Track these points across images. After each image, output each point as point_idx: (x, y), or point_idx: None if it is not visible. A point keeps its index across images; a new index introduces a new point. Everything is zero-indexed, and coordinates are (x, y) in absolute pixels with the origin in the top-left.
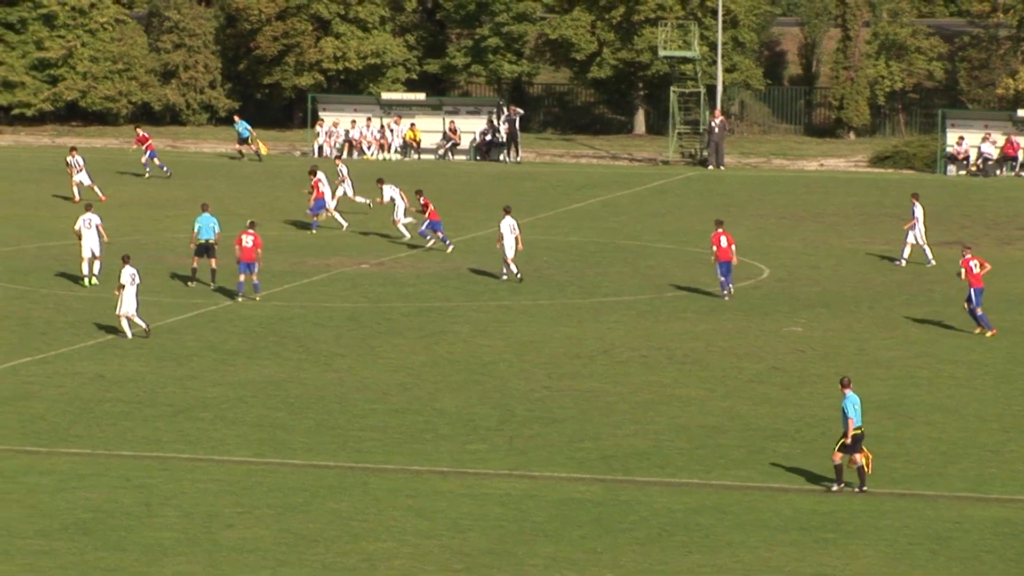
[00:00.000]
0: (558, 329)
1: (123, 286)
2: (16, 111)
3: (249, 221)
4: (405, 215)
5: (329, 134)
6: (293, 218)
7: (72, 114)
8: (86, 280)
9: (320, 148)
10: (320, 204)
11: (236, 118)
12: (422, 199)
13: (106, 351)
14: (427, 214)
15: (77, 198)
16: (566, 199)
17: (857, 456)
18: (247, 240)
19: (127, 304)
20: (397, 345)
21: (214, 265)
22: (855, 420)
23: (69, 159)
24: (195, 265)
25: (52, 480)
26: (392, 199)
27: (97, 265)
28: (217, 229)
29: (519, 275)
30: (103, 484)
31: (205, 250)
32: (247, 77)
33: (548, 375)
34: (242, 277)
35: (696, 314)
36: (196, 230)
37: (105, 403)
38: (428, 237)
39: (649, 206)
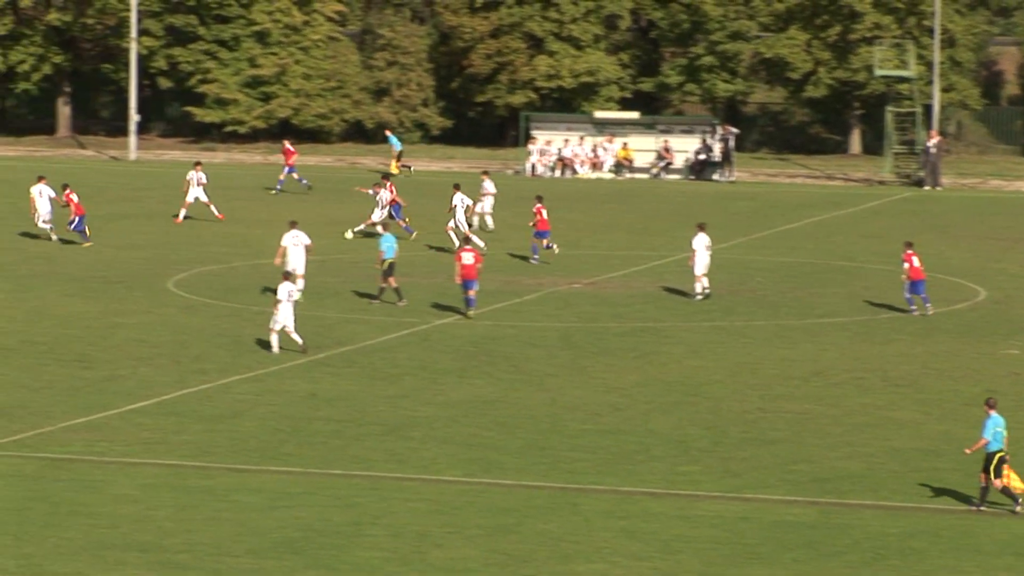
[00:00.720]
0: (772, 350)
1: (279, 301)
2: (229, 128)
3: (463, 235)
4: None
5: (542, 153)
6: (505, 237)
7: (285, 132)
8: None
9: (533, 167)
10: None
11: (388, 132)
12: (536, 206)
13: (317, 369)
14: (535, 224)
15: (180, 219)
16: (780, 219)
17: (997, 481)
18: (467, 257)
19: (282, 318)
20: (609, 365)
21: (394, 284)
22: (990, 440)
23: (191, 174)
24: (383, 285)
25: (262, 499)
26: (455, 206)
27: (301, 283)
28: (395, 247)
29: (708, 291)
30: (313, 503)
31: (390, 269)
32: (459, 95)
33: (761, 396)
34: (471, 293)
35: (911, 336)
36: (382, 249)
37: (316, 421)
38: (536, 251)
39: (864, 227)
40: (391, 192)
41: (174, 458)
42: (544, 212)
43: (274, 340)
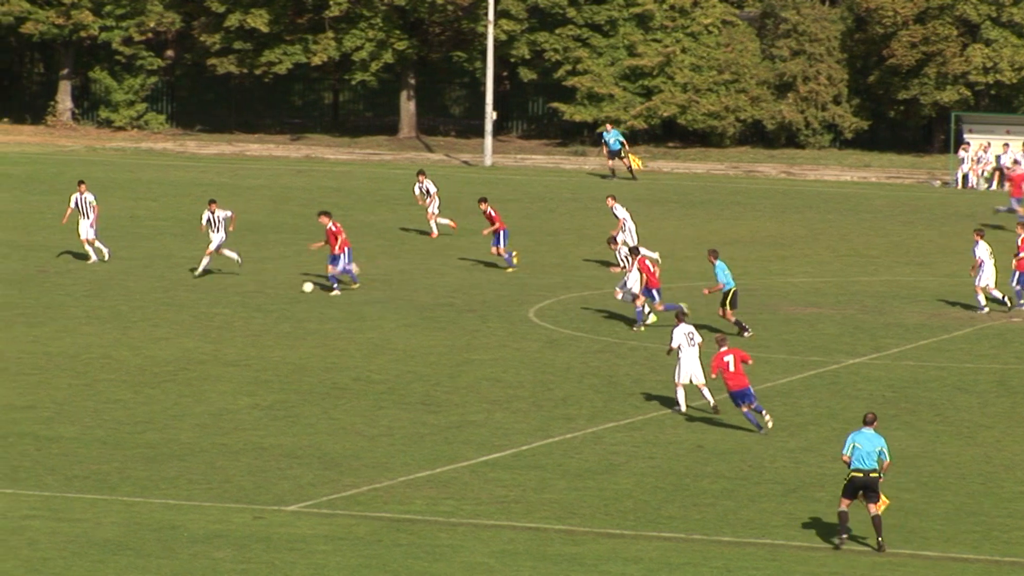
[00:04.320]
0: None
1: (676, 348)
2: (603, 129)
3: (632, 247)
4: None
5: (976, 160)
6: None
7: (669, 133)
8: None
9: (965, 177)
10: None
11: (608, 127)
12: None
13: (704, 416)
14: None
15: (434, 233)
16: None
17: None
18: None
19: (686, 371)
20: None
21: (731, 317)
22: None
23: (418, 186)
24: (731, 319)
25: (639, 569)
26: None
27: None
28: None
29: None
30: (699, 575)
31: (731, 300)
32: (878, 91)
33: None
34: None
35: None
36: (721, 280)
37: (703, 479)
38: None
39: None
40: (493, 214)
41: (535, 520)
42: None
43: (680, 396)
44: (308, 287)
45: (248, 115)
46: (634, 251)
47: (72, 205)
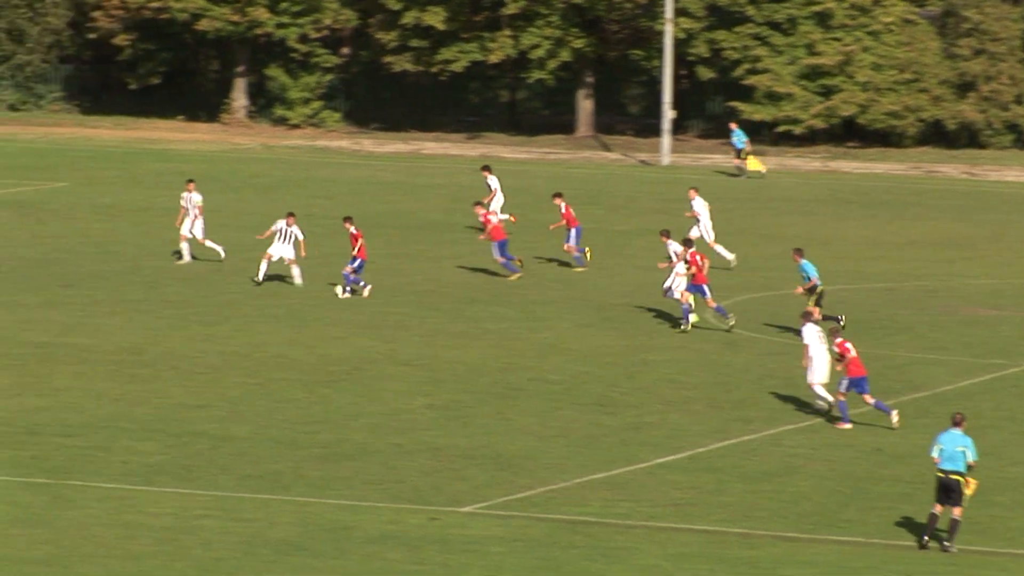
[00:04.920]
0: None
1: (805, 347)
2: (782, 128)
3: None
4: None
5: None
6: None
7: (848, 133)
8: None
9: None
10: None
11: (732, 126)
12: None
13: (884, 419)
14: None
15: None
16: None
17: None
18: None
19: (818, 371)
20: None
21: (817, 314)
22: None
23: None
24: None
25: (816, 573)
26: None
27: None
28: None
29: None
30: None
31: (819, 299)
32: None
33: None
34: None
35: None
36: (812, 276)
37: (882, 482)
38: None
39: None
40: (564, 210)
41: (711, 523)
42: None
43: (821, 391)
44: (341, 292)
45: (424, 113)
46: (687, 243)
47: (183, 204)
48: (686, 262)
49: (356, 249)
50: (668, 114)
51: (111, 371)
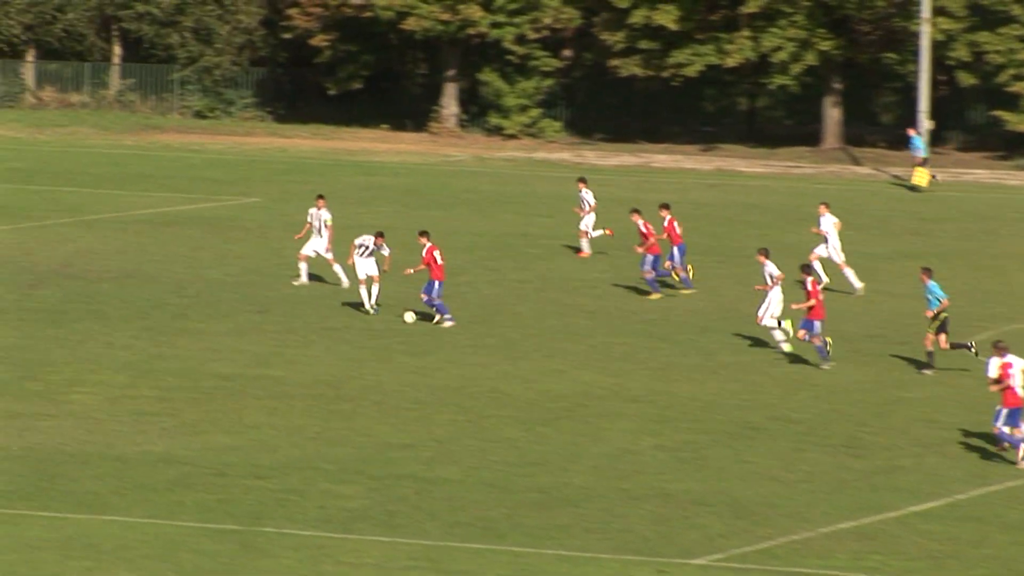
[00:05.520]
0: None
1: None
2: None
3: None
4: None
5: None
6: None
7: None
8: None
9: None
10: None
11: (911, 132)
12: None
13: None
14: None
15: (584, 252)
16: None
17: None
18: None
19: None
20: None
21: (943, 343)
22: None
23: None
24: (929, 348)
25: None
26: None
27: None
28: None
29: None
30: None
31: (943, 326)
32: None
33: None
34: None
35: None
36: (943, 297)
37: None
38: None
39: None
40: (670, 224)
41: None
42: None
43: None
44: (409, 317)
45: (654, 122)
46: (806, 269)
47: (309, 220)
48: (806, 292)
49: (431, 269)
50: (925, 125)
51: (308, 406)
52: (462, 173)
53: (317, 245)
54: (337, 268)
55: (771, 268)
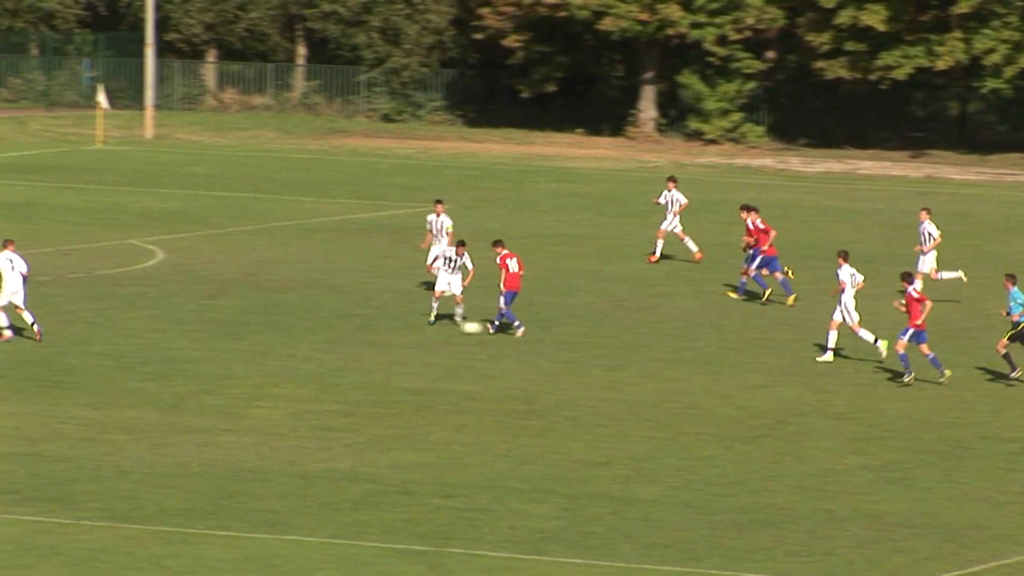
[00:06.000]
0: None
1: None
2: None
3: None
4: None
5: None
6: None
7: None
8: None
9: None
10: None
11: None
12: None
13: None
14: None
15: (654, 256)
16: None
17: None
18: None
19: None
20: None
21: (1001, 347)
22: None
23: (665, 195)
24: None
25: None
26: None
27: None
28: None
29: None
30: None
31: (1018, 335)
32: None
33: None
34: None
35: None
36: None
37: None
38: None
39: None
40: (754, 226)
41: None
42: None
43: None
44: (472, 327)
45: (861, 127)
46: (907, 277)
47: (428, 228)
48: (903, 300)
49: (503, 280)
50: None
51: (498, 422)
52: (660, 180)
53: (439, 252)
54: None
55: (848, 271)
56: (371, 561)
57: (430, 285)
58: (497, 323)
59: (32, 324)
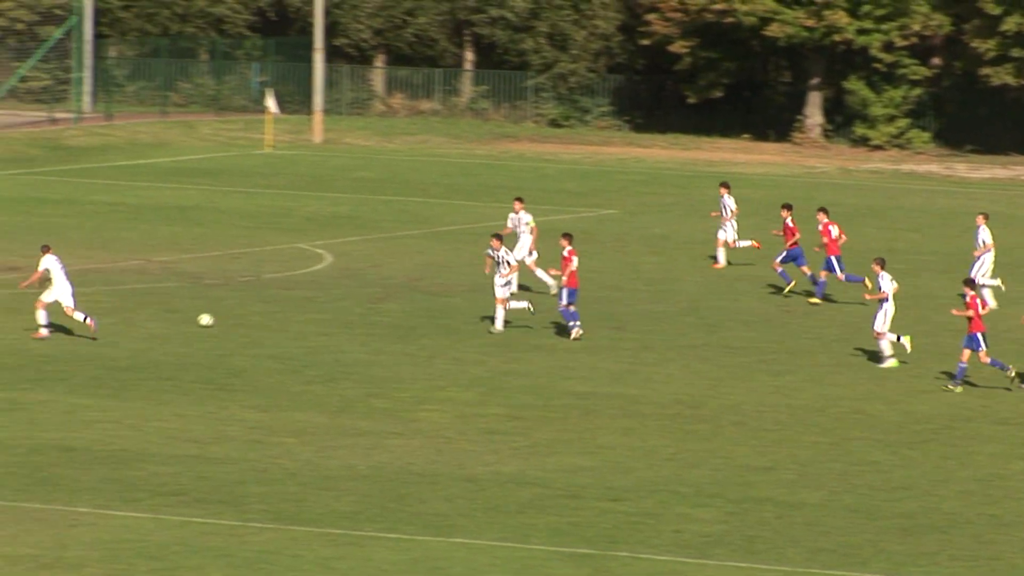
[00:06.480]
0: None
1: None
2: None
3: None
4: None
5: None
6: None
7: None
8: None
9: None
10: None
11: None
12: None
13: None
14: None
15: (719, 263)
16: None
17: None
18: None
19: None
20: None
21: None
22: None
23: (726, 199)
24: None
25: None
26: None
27: None
28: None
29: None
30: None
31: None
32: None
33: None
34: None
35: None
36: None
37: None
38: None
39: None
40: (830, 230)
41: None
42: None
43: None
44: (206, 319)
45: None
46: (970, 284)
47: (510, 225)
48: (964, 303)
49: (565, 275)
50: None
51: (664, 427)
52: (825, 185)
53: (519, 250)
54: (540, 273)
55: (887, 278)
56: (537, 564)
57: (603, 287)
58: (569, 316)
59: (85, 319)
